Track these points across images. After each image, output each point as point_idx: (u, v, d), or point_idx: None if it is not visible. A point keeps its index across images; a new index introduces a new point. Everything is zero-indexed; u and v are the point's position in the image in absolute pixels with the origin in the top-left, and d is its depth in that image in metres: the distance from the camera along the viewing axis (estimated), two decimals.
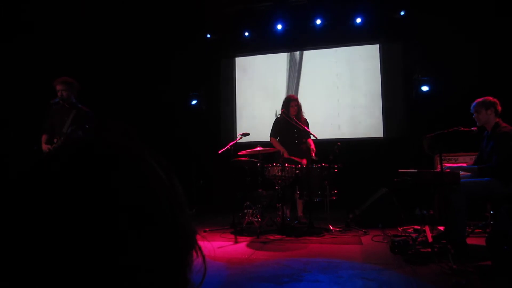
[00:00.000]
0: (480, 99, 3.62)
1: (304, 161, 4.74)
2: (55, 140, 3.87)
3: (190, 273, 0.40)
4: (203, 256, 0.43)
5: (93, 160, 0.37)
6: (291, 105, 5.01)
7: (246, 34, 7.20)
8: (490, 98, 3.58)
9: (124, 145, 0.41)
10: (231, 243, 4.00)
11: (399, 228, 4.31)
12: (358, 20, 6.71)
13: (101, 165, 0.37)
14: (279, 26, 7.04)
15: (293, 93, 6.94)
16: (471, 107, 3.66)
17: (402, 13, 6.43)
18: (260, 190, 4.70)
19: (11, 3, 5.23)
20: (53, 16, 5.36)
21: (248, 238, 4.17)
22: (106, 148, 0.39)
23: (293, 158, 4.83)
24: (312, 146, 4.96)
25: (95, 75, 5.64)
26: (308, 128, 4.99)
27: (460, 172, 3.39)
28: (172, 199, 0.40)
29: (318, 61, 7.15)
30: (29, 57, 5.25)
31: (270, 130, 5.26)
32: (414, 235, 3.77)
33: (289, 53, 7.32)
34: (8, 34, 5.15)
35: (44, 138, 3.96)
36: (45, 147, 3.91)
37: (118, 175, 0.37)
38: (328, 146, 4.86)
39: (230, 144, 4.87)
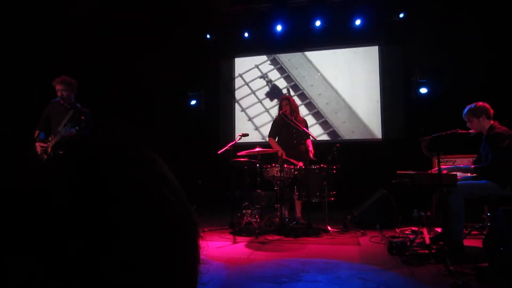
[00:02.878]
0: (470, 107, 3.59)
1: (301, 164, 4.73)
2: (50, 138, 3.85)
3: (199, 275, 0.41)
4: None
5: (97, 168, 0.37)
6: (282, 104, 5.05)
7: (246, 34, 7.22)
8: (480, 104, 3.55)
9: (129, 147, 0.41)
10: (229, 243, 4.01)
11: (396, 229, 4.34)
12: (358, 22, 6.73)
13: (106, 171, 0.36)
14: (279, 27, 7.05)
15: (292, 94, 6.96)
16: (463, 115, 3.65)
17: (401, 15, 6.46)
18: (259, 190, 4.72)
19: (11, 2, 5.23)
20: (52, 14, 5.36)
21: (247, 238, 4.18)
22: (109, 152, 0.39)
23: (290, 160, 4.83)
24: (310, 148, 4.97)
25: (94, 74, 5.64)
26: (307, 128, 5.01)
27: (458, 174, 3.42)
28: (184, 201, 0.41)
29: (317, 63, 7.17)
30: (28, 56, 5.26)
31: (269, 130, 5.29)
32: (411, 236, 3.79)
33: (288, 54, 7.34)
34: (8, 34, 5.15)
35: (36, 134, 3.91)
36: (38, 146, 3.86)
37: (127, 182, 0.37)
38: (326, 147, 4.88)
39: (229, 145, 4.88)
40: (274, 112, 7.11)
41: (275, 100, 7.22)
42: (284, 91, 7.20)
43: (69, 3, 5.41)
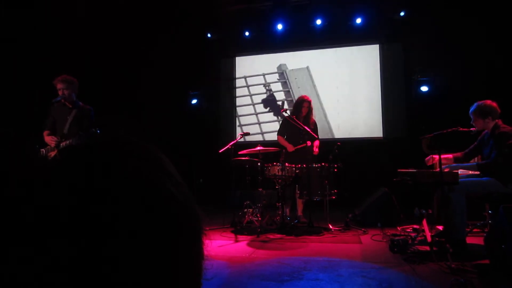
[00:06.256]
0: (478, 105, 3.54)
1: (308, 143, 4.75)
2: (56, 139, 3.89)
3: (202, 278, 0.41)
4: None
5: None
6: (303, 105, 5.00)
7: (247, 33, 7.22)
8: (488, 104, 3.51)
9: (131, 142, 0.41)
10: (231, 242, 4.02)
11: (398, 228, 4.33)
12: (358, 21, 6.73)
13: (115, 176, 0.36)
14: (280, 26, 7.05)
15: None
16: (470, 112, 3.62)
17: (402, 13, 6.45)
18: (260, 189, 4.72)
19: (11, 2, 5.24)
20: (52, 13, 5.37)
21: (248, 237, 4.19)
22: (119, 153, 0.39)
23: (298, 147, 4.87)
24: (315, 148, 4.93)
25: (94, 74, 5.65)
26: (316, 130, 5.01)
27: (459, 171, 3.41)
28: (187, 195, 0.41)
29: (318, 61, 7.17)
30: (28, 56, 5.26)
31: (278, 128, 5.30)
32: (413, 235, 3.79)
33: (289, 53, 7.34)
34: (9, 33, 5.16)
35: (45, 133, 3.96)
36: (48, 139, 3.88)
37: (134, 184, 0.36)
38: (328, 146, 4.88)
39: (230, 144, 4.88)
40: (263, 117, 7.25)
41: (268, 108, 7.36)
42: (279, 103, 7.24)
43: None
